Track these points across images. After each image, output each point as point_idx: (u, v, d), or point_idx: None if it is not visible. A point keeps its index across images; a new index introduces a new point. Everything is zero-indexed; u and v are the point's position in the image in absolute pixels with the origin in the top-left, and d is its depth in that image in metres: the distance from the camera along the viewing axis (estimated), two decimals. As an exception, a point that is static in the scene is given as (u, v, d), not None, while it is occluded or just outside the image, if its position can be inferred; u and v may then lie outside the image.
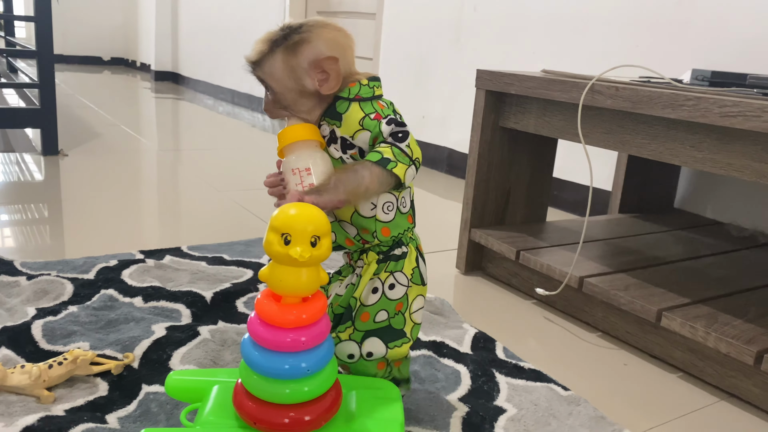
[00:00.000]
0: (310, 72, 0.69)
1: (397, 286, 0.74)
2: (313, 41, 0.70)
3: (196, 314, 1.06)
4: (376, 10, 2.80)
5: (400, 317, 0.75)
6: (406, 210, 0.74)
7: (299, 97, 0.71)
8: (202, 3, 4.56)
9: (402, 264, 0.74)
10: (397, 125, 0.69)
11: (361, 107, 0.70)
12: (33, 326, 0.96)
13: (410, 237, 0.76)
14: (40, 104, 2.14)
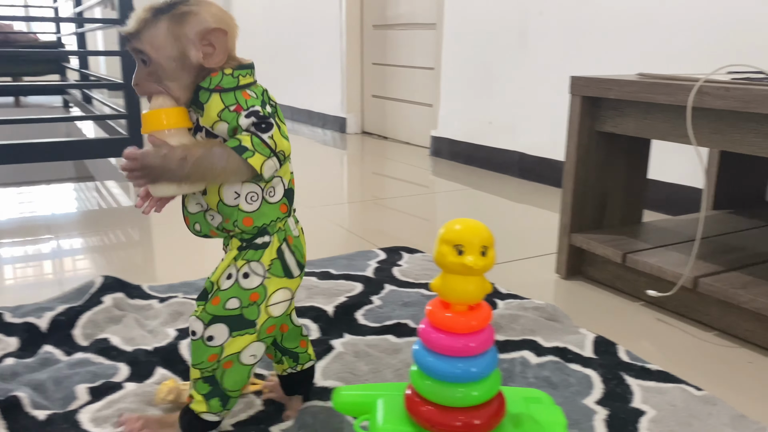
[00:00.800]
0: (196, 43, 0.67)
1: (252, 275, 0.72)
2: (200, 13, 0.68)
3: (324, 328, 1.11)
4: (436, 20, 2.84)
5: (254, 308, 0.72)
6: (275, 200, 0.72)
7: (180, 69, 0.68)
8: (255, 27, 4.69)
9: (261, 254, 0.72)
10: (258, 118, 0.67)
11: (222, 98, 0.68)
12: (179, 346, 1.02)
13: (279, 227, 0.74)
14: (128, 134, 2.25)
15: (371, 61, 3.53)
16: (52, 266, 1.47)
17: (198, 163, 0.65)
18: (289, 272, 0.74)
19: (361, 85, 3.64)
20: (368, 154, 3.10)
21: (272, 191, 0.72)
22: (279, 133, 0.68)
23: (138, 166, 0.65)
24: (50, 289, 1.30)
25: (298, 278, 0.76)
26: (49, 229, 1.74)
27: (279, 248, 0.73)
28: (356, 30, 3.54)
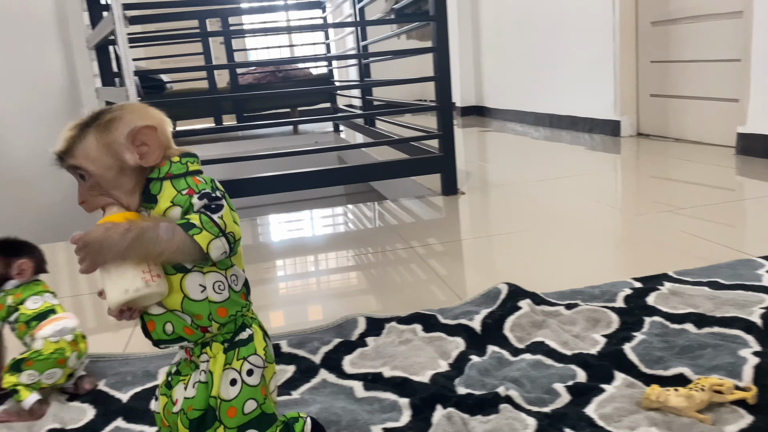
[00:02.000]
0: (128, 146, 0.67)
1: (255, 370, 0.71)
2: (125, 117, 0.68)
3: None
4: (743, 7, 2.62)
5: (269, 402, 0.72)
6: (238, 288, 0.71)
7: (119, 176, 0.67)
8: (506, 40, 4.77)
9: (253, 347, 0.71)
10: (210, 200, 0.67)
11: (173, 184, 0.68)
12: (624, 351, 1.06)
13: (251, 317, 0.74)
14: (443, 152, 2.42)
15: (649, 59, 3.37)
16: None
17: (141, 234, 0.63)
18: (273, 357, 0.75)
19: (637, 85, 3.49)
20: (652, 156, 2.96)
21: (235, 279, 0.70)
22: (230, 216, 0.67)
23: (81, 244, 0.62)
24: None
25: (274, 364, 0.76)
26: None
27: (263, 335, 0.73)
28: (631, 28, 3.42)
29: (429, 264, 1.68)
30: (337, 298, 1.53)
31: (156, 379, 1.16)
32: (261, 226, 2.42)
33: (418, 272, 1.64)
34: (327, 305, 1.50)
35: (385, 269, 1.71)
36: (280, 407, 0.98)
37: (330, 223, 2.39)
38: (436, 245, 1.86)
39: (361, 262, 1.81)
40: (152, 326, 0.68)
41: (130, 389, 1.13)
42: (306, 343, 1.22)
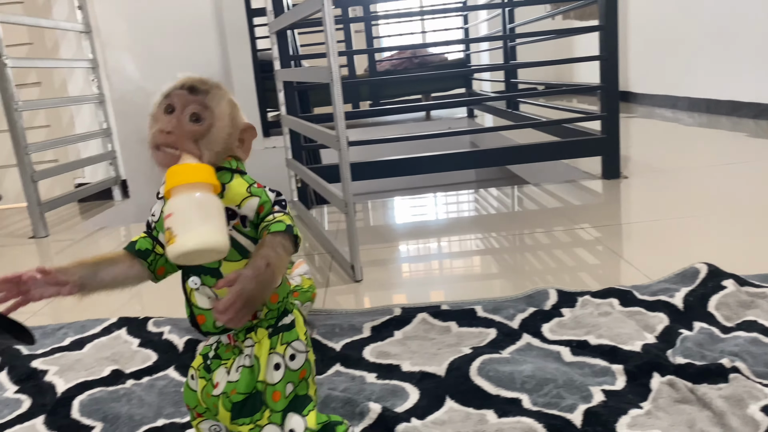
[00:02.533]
0: (237, 132, 0.72)
1: (298, 355, 0.73)
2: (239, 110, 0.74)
3: None
4: None
5: (304, 384, 0.74)
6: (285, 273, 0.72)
7: (225, 146, 0.70)
8: (662, 21, 4.53)
9: (296, 332, 0.73)
10: (276, 193, 0.72)
11: (244, 178, 0.71)
12: None
13: (291, 302, 0.75)
14: (605, 133, 2.36)
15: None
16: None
17: (278, 262, 0.64)
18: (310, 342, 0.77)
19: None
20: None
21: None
22: None
23: (240, 305, 0.60)
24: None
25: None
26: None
27: (303, 320, 0.76)
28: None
29: (607, 245, 1.67)
30: (512, 275, 1.56)
31: (360, 332, 1.25)
32: (399, 209, 2.50)
33: (588, 253, 1.63)
34: (508, 280, 1.53)
35: (559, 250, 1.71)
36: (492, 363, 1.03)
37: (489, 205, 2.42)
38: (606, 227, 1.84)
39: (526, 242, 1.82)
40: (203, 320, 0.71)
41: (340, 340, 1.23)
42: (501, 309, 1.27)
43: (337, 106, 1.46)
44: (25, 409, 1.07)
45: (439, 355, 1.11)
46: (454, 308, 1.30)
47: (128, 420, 0.99)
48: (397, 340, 1.21)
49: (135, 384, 1.12)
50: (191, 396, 0.76)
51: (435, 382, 1.02)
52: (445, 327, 1.24)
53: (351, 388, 1.03)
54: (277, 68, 2.23)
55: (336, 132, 1.49)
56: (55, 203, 2.56)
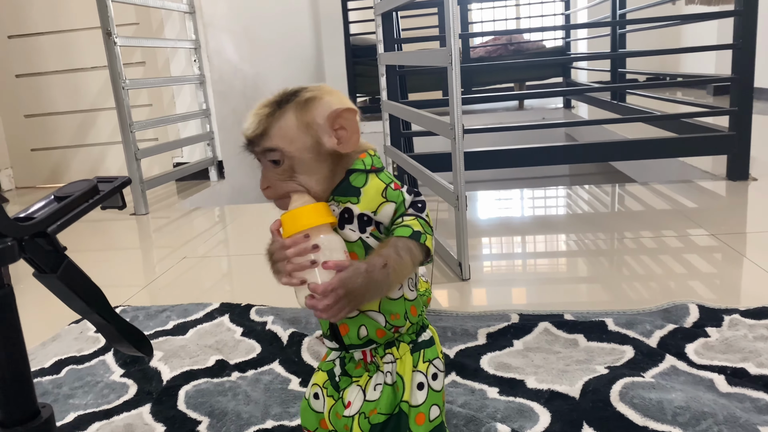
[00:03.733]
0: (327, 128, 0.61)
1: (439, 374, 0.65)
2: (324, 97, 0.62)
3: None
4: None
5: (444, 408, 0.65)
6: (418, 286, 0.67)
7: (316, 160, 0.61)
8: None
9: (435, 350, 0.66)
10: (414, 194, 0.63)
11: (380, 178, 0.63)
12: None
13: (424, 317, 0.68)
14: (734, 130, 2.14)
15: None
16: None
17: (399, 266, 0.58)
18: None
19: None
20: None
21: (414, 276, 0.65)
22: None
23: (342, 293, 0.56)
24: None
25: None
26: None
27: (438, 338, 0.68)
28: None
29: (728, 254, 1.49)
30: (609, 280, 1.42)
31: (475, 339, 1.15)
32: (485, 203, 2.36)
33: (704, 261, 1.46)
34: (603, 287, 1.39)
35: (666, 255, 1.54)
36: (635, 388, 0.91)
37: (588, 203, 2.26)
38: (728, 234, 1.65)
39: (628, 246, 1.66)
40: (345, 330, 0.63)
41: (453, 345, 1.13)
42: (635, 324, 1.13)
43: (455, 91, 1.36)
44: (131, 396, 1.04)
45: (568, 372, 1.00)
46: (579, 319, 1.18)
47: (236, 417, 0.94)
48: (517, 350, 1.10)
49: (240, 377, 1.07)
50: (311, 417, 0.69)
51: (568, 404, 0.91)
52: (572, 340, 1.12)
53: (471, 403, 0.94)
54: (380, 51, 2.15)
55: (451, 118, 1.39)
56: (155, 181, 2.60)
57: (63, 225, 0.52)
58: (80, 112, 3.29)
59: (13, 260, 0.48)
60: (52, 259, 0.51)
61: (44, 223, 0.50)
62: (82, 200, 0.54)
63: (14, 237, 0.48)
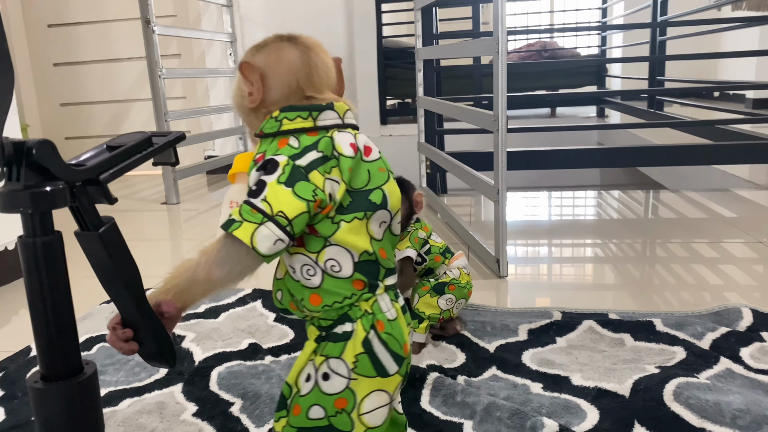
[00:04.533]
0: (243, 80, 0.59)
1: (333, 377, 0.56)
2: (260, 50, 0.60)
3: None
4: None
5: (345, 417, 0.56)
6: (343, 274, 0.56)
7: (244, 113, 0.62)
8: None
9: (341, 348, 0.56)
10: (265, 171, 0.54)
11: (259, 145, 0.58)
12: None
13: (366, 310, 0.56)
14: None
15: None
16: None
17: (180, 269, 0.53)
18: (383, 370, 0.57)
19: None
20: None
21: (335, 264, 0.56)
22: (281, 193, 0.52)
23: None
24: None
25: (397, 376, 0.58)
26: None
27: (366, 339, 0.56)
28: None
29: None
30: (636, 288, 1.36)
31: (516, 334, 1.11)
32: (512, 206, 2.31)
33: (741, 272, 1.40)
34: (633, 293, 1.34)
35: (700, 264, 1.48)
36: (690, 389, 0.86)
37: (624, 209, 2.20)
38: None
39: (672, 251, 1.60)
40: (273, 287, 0.61)
41: (492, 339, 1.10)
42: (685, 325, 1.08)
43: (500, 82, 1.32)
44: (162, 375, 1.02)
45: (616, 370, 0.95)
46: (625, 318, 1.13)
47: (269, 401, 0.91)
48: (560, 347, 1.06)
49: (273, 361, 1.04)
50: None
51: (617, 402, 0.87)
52: (618, 339, 1.07)
53: (514, 397, 0.90)
54: (418, 46, 2.12)
55: (495, 109, 1.35)
56: (187, 172, 2.60)
57: (115, 174, 0.49)
58: (115, 102, 3.31)
59: (64, 204, 0.45)
60: (98, 217, 0.48)
61: (96, 170, 0.48)
62: (135, 151, 0.51)
63: (66, 181, 0.45)
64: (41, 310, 0.45)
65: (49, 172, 0.44)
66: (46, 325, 0.46)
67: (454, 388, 0.91)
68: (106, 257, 0.47)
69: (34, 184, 0.43)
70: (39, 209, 0.44)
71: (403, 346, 0.58)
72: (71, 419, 0.47)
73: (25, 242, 0.45)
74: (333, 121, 0.58)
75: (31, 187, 0.43)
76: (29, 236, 0.45)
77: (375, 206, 0.57)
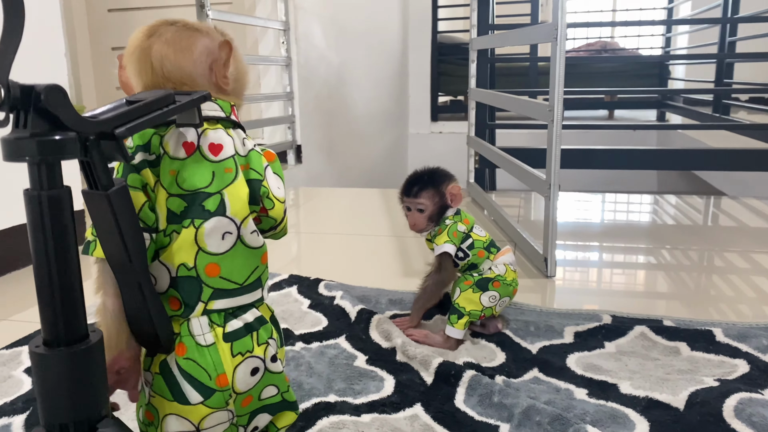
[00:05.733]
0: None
1: (145, 387, 0.56)
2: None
3: None
4: None
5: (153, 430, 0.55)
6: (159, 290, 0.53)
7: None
8: None
9: (149, 362, 0.54)
10: None
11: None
12: None
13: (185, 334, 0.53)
14: None
15: None
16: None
17: None
18: (182, 397, 0.53)
19: None
20: None
21: (153, 280, 0.52)
22: None
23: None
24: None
25: (202, 407, 0.52)
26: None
27: (163, 361, 0.53)
28: None
29: None
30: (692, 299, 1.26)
31: (561, 336, 1.04)
32: (564, 206, 2.21)
33: None
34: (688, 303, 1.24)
35: (761, 276, 1.37)
36: (754, 405, 0.78)
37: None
38: None
39: (731, 261, 1.49)
40: None
41: (535, 340, 1.03)
42: (748, 337, 0.99)
43: (558, 71, 1.25)
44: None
45: (669, 381, 0.88)
46: (681, 326, 1.05)
47: (297, 387, 0.87)
48: (609, 353, 0.99)
49: (304, 348, 1.01)
50: None
51: (670, 415, 0.79)
52: (673, 347, 0.99)
53: (556, 401, 0.84)
54: (473, 36, 2.06)
55: (550, 99, 1.28)
56: (234, 158, 2.61)
57: (132, 129, 0.46)
58: (169, 87, 3.35)
59: (74, 156, 0.42)
60: (109, 177, 0.45)
61: (111, 123, 0.44)
62: (155, 106, 0.48)
63: (78, 132, 0.42)
64: (45, 270, 0.42)
65: (59, 121, 0.41)
66: (50, 287, 0.43)
67: (491, 387, 0.85)
68: (112, 221, 0.44)
69: (41, 132, 0.40)
70: (46, 159, 0.41)
71: (217, 377, 0.53)
72: (73, 389, 0.44)
73: (30, 195, 0.41)
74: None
75: (39, 134, 0.40)
76: (35, 189, 0.41)
77: (209, 213, 0.53)
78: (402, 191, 1.04)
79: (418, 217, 1.02)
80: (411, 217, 1.03)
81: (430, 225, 1.03)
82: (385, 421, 0.80)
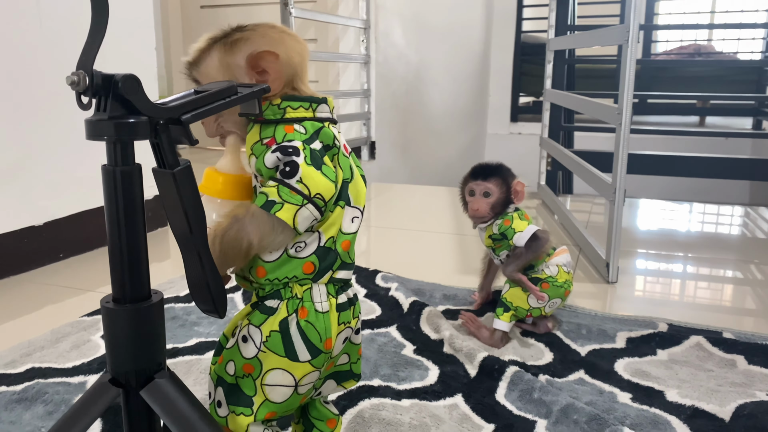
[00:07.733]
0: (247, 70, 0.59)
1: (249, 342, 0.59)
2: (252, 38, 0.60)
3: None
4: None
5: (249, 382, 0.59)
6: (301, 255, 0.57)
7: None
8: None
9: (263, 320, 0.58)
10: (284, 154, 0.55)
11: (261, 129, 0.58)
12: None
13: (296, 294, 0.58)
14: None
15: None
16: None
17: (222, 236, 0.55)
18: (293, 354, 0.58)
19: None
20: None
21: (302, 245, 0.57)
22: (314, 175, 0.55)
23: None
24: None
25: (308, 365, 0.58)
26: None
27: (284, 320, 0.57)
28: None
29: None
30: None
31: (613, 341, 1.04)
32: (645, 213, 2.13)
33: None
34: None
35: None
36: None
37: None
38: None
39: None
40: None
41: (585, 343, 1.03)
42: (813, 356, 0.96)
43: (628, 74, 1.23)
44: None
45: (720, 392, 0.86)
46: (741, 339, 1.02)
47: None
48: (660, 360, 0.98)
49: (356, 334, 1.05)
50: None
51: (714, 425, 0.78)
52: (729, 360, 0.97)
53: (597, 403, 0.84)
54: (551, 37, 2.04)
55: (619, 101, 1.27)
56: (311, 151, 2.70)
57: (197, 116, 0.51)
58: (254, 81, 3.50)
59: (145, 137, 0.48)
60: (175, 157, 0.50)
61: (178, 110, 0.50)
62: (219, 96, 0.53)
63: (150, 116, 0.48)
64: (116, 236, 0.49)
65: (134, 107, 0.47)
66: (119, 250, 0.49)
67: (532, 384, 0.86)
68: (176, 197, 0.50)
69: (118, 115, 0.46)
70: (121, 139, 0.47)
71: (325, 341, 0.58)
72: (135, 342, 0.50)
73: (107, 170, 0.48)
74: (327, 115, 0.60)
75: (116, 117, 0.46)
76: (111, 164, 0.48)
77: (350, 200, 0.59)
78: (468, 175, 1.06)
79: (482, 203, 1.03)
80: (475, 202, 1.04)
81: (490, 215, 1.04)
82: (424, 407, 0.83)
